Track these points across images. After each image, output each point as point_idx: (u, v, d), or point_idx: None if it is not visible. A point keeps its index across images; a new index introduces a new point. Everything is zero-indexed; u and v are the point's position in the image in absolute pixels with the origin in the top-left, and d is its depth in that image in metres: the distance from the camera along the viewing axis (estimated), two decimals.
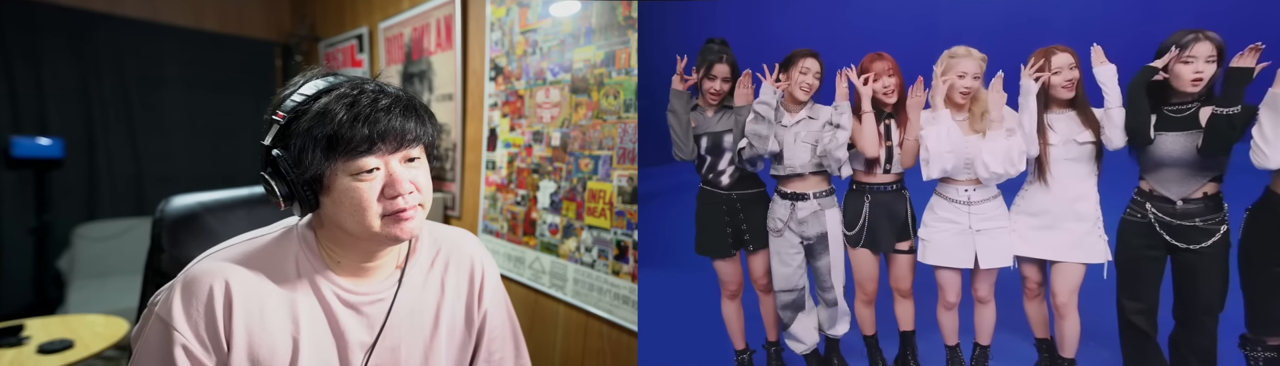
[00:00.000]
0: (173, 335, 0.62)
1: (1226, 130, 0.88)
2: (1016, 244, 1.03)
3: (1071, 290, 1.01)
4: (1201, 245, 0.93)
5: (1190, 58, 0.89)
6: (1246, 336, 0.92)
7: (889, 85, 1.06)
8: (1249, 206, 0.91)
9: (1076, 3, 1.01)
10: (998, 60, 1.02)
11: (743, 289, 1.20)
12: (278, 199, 0.63)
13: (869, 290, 1.13)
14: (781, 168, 1.13)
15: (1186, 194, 0.93)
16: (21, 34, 2.75)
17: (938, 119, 1.04)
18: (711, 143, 1.16)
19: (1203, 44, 0.88)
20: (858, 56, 1.07)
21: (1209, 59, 0.88)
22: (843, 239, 1.13)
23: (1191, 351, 0.95)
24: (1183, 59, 0.89)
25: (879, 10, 1.10)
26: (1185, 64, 0.89)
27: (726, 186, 1.17)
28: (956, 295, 1.07)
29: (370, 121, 0.60)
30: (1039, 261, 1.04)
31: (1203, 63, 0.88)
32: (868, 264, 1.12)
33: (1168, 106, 0.92)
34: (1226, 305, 0.92)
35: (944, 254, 1.06)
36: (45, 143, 2.77)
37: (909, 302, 1.11)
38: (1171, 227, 0.94)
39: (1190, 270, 0.94)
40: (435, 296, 0.79)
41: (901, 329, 1.12)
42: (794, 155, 1.12)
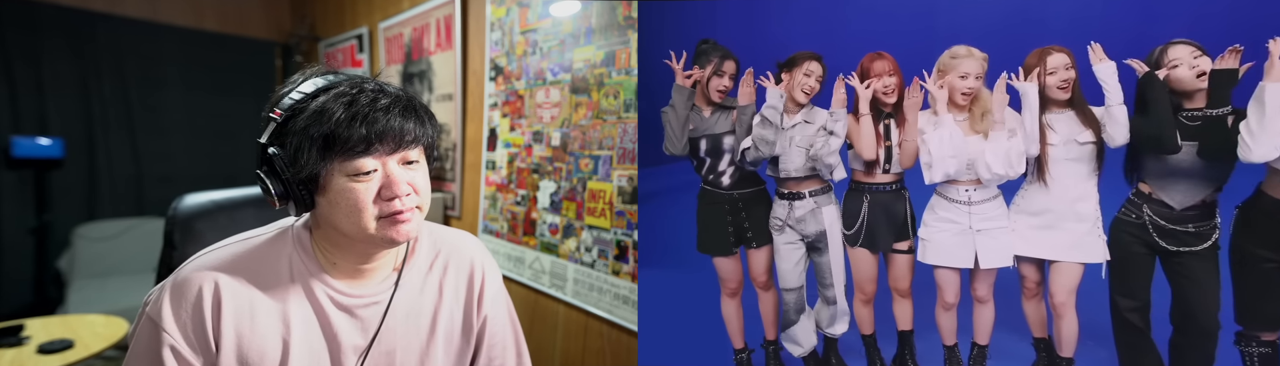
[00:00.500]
0: (161, 336, 0.62)
1: (1218, 132, 0.89)
2: (1016, 243, 1.03)
3: (1069, 290, 1.01)
4: (1194, 249, 0.94)
5: (1175, 61, 0.90)
6: (1241, 332, 0.92)
7: (889, 85, 1.06)
8: (1239, 204, 0.92)
9: (1076, 2, 1.01)
10: (999, 60, 1.01)
11: (743, 286, 1.20)
12: (272, 198, 0.62)
13: (868, 290, 1.13)
14: (777, 170, 1.14)
15: (1188, 203, 0.93)
16: (21, 34, 2.75)
17: (940, 123, 1.04)
18: (711, 145, 1.16)
19: (1177, 47, 0.90)
20: (858, 57, 1.07)
21: (1195, 56, 0.89)
22: (842, 237, 1.14)
23: (1192, 354, 0.95)
24: (1170, 64, 0.90)
25: (880, 9, 1.10)
26: (1175, 68, 0.90)
27: (727, 186, 1.17)
28: (955, 295, 1.08)
29: (368, 121, 0.59)
30: (1038, 261, 1.04)
31: (1189, 62, 0.90)
32: (866, 263, 1.12)
33: (1183, 112, 0.92)
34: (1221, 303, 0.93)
35: (944, 254, 1.06)
36: (45, 143, 2.77)
37: (908, 302, 1.12)
38: (1165, 231, 0.95)
39: (1183, 273, 0.95)
40: (433, 300, 0.78)
41: (899, 328, 1.12)
42: (789, 159, 1.12)
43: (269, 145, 0.61)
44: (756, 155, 1.12)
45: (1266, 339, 0.91)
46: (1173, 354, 0.97)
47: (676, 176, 1.21)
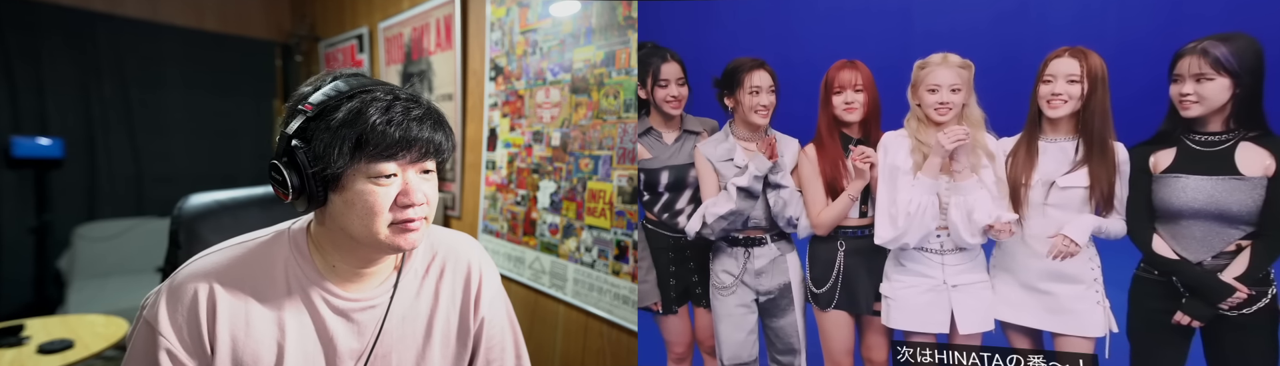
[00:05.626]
0: (158, 339, 0.63)
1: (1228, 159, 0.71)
2: (998, 306, 0.84)
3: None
4: (1242, 311, 0.73)
5: (1176, 75, 0.75)
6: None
7: (854, 102, 0.87)
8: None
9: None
10: (989, 68, 0.83)
11: (691, 352, 1.01)
12: (285, 190, 0.62)
13: (845, 364, 0.92)
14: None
15: (1213, 252, 0.75)
16: (21, 34, 2.75)
17: (919, 181, 0.82)
18: (673, 178, 0.96)
19: (1188, 59, 0.74)
20: (889, 58, 0.87)
21: (1200, 77, 0.73)
22: (805, 296, 0.94)
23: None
24: (1171, 76, 0.75)
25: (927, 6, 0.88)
26: (1173, 83, 0.75)
27: (681, 228, 0.96)
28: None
29: (402, 128, 0.61)
30: (1030, 329, 0.84)
31: (1190, 82, 0.74)
32: (842, 330, 0.91)
33: (1194, 135, 0.75)
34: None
35: (913, 316, 0.86)
36: (45, 143, 2.77)
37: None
38: (1198, 287, 0.74)
39: (1228, 344, 0.73)
40: (429, 303, 0.77)
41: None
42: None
43: (293, 137, 0.61)
44: (725, 225, 0.92)
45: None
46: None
47: None
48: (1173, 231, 0.77)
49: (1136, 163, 0.79)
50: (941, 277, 0.86)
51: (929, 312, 0.86)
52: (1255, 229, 0.73)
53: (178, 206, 0.99)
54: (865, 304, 0.90)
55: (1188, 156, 0.76)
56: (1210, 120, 0.75)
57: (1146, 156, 0.78)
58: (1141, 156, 0.79)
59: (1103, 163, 0.79)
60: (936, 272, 0.86)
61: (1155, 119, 0.77)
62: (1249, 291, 0.73)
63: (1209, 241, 0.75)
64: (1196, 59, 0.74)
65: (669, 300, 0.99)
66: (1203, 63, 0.73)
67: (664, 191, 0.98)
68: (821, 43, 0.91)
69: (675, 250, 0.98)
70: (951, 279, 0.85)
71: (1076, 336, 0.81)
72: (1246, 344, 0.73)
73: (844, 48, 0.89)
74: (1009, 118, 0.84)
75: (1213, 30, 0.74)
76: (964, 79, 0.83)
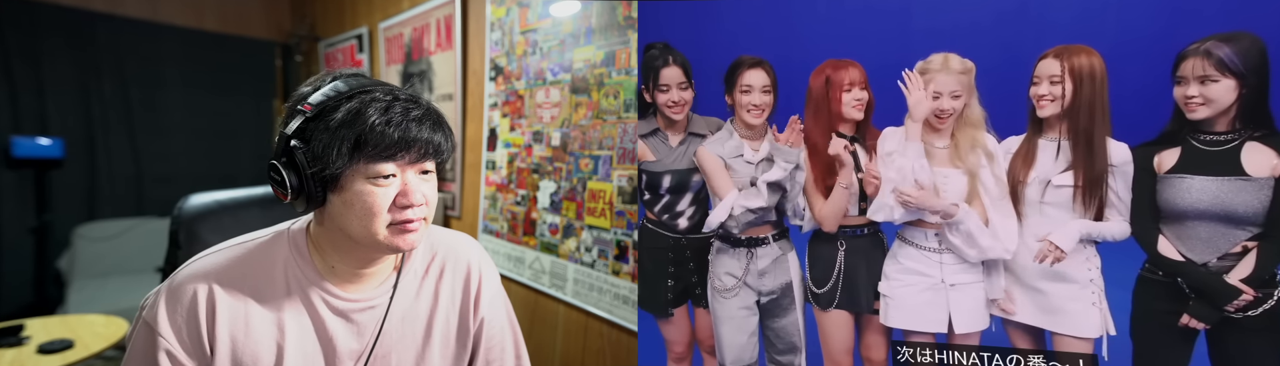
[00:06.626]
0: (157, 340, 0.63)
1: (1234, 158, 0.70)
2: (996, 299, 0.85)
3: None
4: (1247, 313, 0.72)
5: (1179, 77, 0.74)
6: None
7: (862, 99, 0.87)
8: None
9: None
10: (990, 68, 0.83)
11: (691, 351, 1.01)
12: (284, 191, 0.62)
13: (844, 364, 0.92)
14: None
15: (1219, 254, 0.74)
16: (21, 34, 2.75)
17: (907, 149, 0.83)
18: (676, 182, 0.96)
19: (1191, 61, 0.73)
20: (890, 57, 0.87)
21: (1205, 79, 0.72)
22: (804, 295, 0.94)
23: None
24: (1175, 78, 0.74)
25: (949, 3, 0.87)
26: (1177, 85, 0.74)
27: (682, 229, 0.97)
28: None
29: (401, 129, 0.61)
30: (1030, 327, 0.84)
31: (1194, 84, 0.73)
32: (842, 329, 0.91)
33: (1199, 135, 0.74)
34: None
35: (911, 315, 0.86)
36: (45, 143, 2.77)
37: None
38: (1203, 289, 0.73)
39: (1233, 347, 0.73)
40: (428, 303, 0.77)
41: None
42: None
43: (293, 137, 0.61)
44: (754, 218, 0.92)
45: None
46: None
47: None
48: (1178, 232, 0.76)
49: (1141, 163, 0.78)
50: (939, 276, 0.86)
51: (927, 311, 0.86)
52: (1261, 230, 0.72)
53: (178, 206, 0.99)
54: (866, 303, 0.91)
55: (1193, 156, 0.75)
56: (1215, 120, 0.74)
57: (1151, 156, 0.77)
58: (1146, 156, 0.78)
59: (1089, 161, 0.78)
60: (934, 271, 0.86)
61: (1159, 119, 0.77)
62: (1255, 293, 0.72)
63: (1214, 242, 0.74)
64: (1200, 60, 0.73)
65: (665, 302, 0.99)
66: (1207, 64, 0.72)
67: (665, 193, 0.99)
68: (821, 42, 0.91)
69: (675, 250, 0.98)
70: (949, 278, 0.85)
71: (1070, 336, 0.80)
72: (1251, 346, 0.72)
73: (844, 47, 0.89)
74: (1009, 118, 0.84)
75: (1215, 29, 0.73)
76: (964, 84, 0.83)
